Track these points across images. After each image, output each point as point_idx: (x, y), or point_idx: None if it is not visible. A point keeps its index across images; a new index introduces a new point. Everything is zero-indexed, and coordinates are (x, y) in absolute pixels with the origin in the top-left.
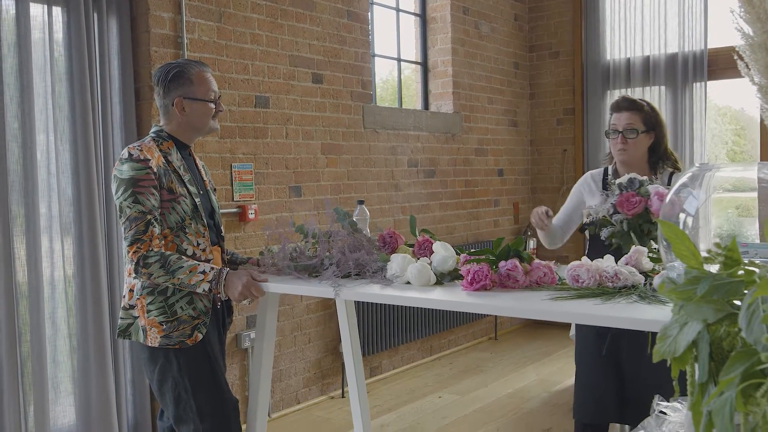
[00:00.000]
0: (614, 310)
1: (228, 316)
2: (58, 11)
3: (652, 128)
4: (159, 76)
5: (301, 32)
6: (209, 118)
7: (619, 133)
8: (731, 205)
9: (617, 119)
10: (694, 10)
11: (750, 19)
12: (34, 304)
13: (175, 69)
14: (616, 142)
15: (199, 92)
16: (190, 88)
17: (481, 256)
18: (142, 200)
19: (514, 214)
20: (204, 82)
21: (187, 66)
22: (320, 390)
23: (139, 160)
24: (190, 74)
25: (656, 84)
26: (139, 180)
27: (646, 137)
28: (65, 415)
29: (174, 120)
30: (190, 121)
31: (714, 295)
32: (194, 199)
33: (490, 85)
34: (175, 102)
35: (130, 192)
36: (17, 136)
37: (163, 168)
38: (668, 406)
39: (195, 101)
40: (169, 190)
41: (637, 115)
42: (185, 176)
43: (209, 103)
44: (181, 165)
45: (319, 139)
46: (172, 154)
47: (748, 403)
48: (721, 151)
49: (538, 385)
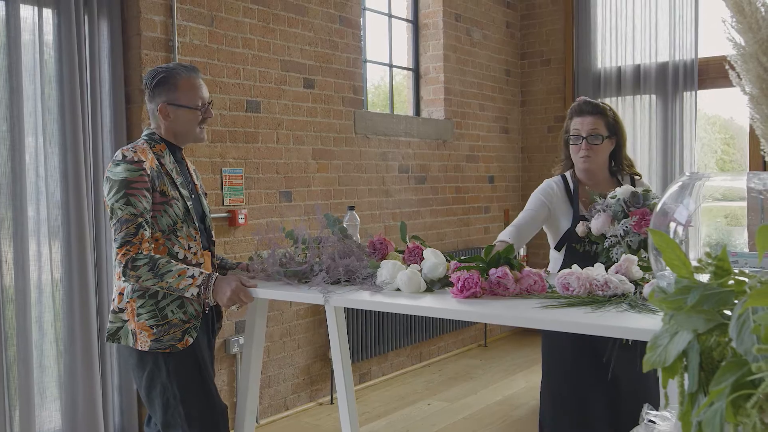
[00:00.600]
0: (604, 318)
1: (217, 321)
2: (49, 13)
3: (614, 134)
4: (147, 80)
5: (293, 37)
6: (195, 125)
7: (582, 138)
8: (721, 214)
9: (580, 124)
10: (685, 19)
11: (741, 29)
12: (21, 308)
13: (162, 74)
14: (579, 148)
15: (184, 99)
16: (175, 94)
17: (471, 263)
18: (134, 202)
19: (504, 221)
20: (191, 88)
21: (174, 71)
22: (309, 396)
23: (133, 161)
24: (176, 80)
25: (647, 92)
26: (132, 182)
27: (609, 143)
28: (51, 420)
29: (161, 125)
30: (174, 127)
31: (704, 304)
32: (186, 202)
33: (482, 91)
34: (159, 107)
35: (123, 193)
36: (6, 139)
37: (156, 170)
38: (657, 415)
39: (179, 108)
40: (162, 192)
41: (601, 119)
42: (177, 179)
43: (195, 110)
44: (173, 168)
45: (310, 144)
46: (165, 157)
47: (739, 414)
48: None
49: (528, 392)
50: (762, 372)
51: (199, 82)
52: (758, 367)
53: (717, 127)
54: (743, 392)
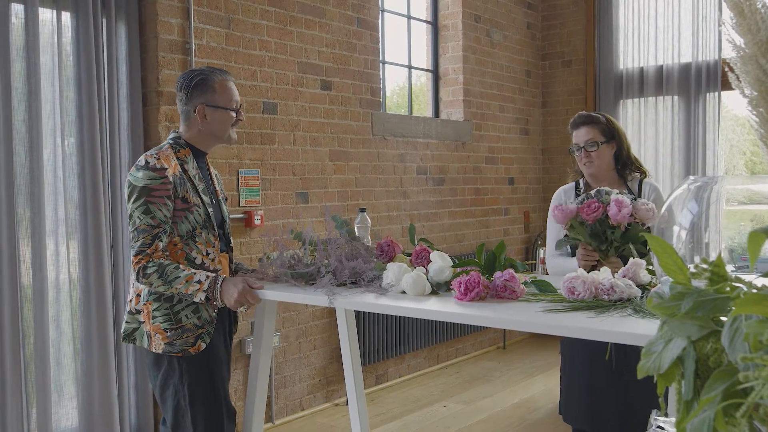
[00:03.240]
0: (606, 323)
1: (234, 324)
2: (67, 16)
3: (612, 138)
4: (183, 82)
5: (311, 39)
6: (229, 126)
7: (581, 148)
8: (745, 218)
9: (577, 136)
10: (708, 19)
11: (741, 30)
12: (39, 307)
13: (199, 76)
14: (580, 157)
15: (222, 100)
16: (213, 96)
17: (467, 267)
18: (154, 210)
19: (524, 223)
20: (227, 90)
21: (210, 74)
22: (324, 397)
23: (155, 169)
24: (213, 82)
25: (669, 94)
26: (153, 189)
27: (608, 147)
28: (68, 418)
29: (194, 127)
30: (210, 128)
31: (698, 311)
32: (207, 209)
33: (502, 93)
34: (197, 109)
35: (143, 201)
36: (24, 140)
37: (179, 177)
38: (666, 421)
39: (217, 109)
40: (183, 199)
41: (594, 128)
42: (200, 186)
43: (231, 112)
44: (196, 174)
45: (327, 145)
46: (189, 163)
47: (730, 423)
48: (740, 161)
49: (545, 395)
50: (749, 381)
51: (232, 84)
52: (745, 377)
53: (746, 128)
54: (734, 401)
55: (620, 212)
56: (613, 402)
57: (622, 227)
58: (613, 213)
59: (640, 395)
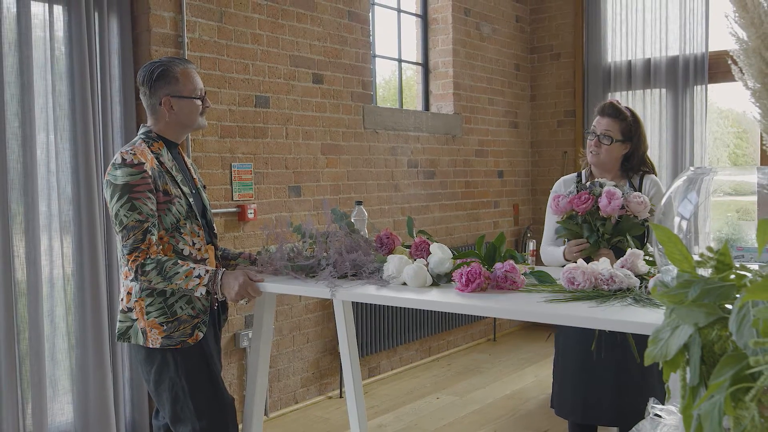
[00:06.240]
0: (608, 312)
1: (223, 314)
2: (59, 10)
3: (629, 139)
4: (144, 75)
5: (302, 32)
6: (197, 114)
7: (596, 136)
8: (731, 209)
9: (598, 123)
10: (695, 12)
11: (744, 24)
12: (33, 302)
13: (160, 68)
14: (591, 143)
15: (186, 90)
16: (177, 86)
17: (467, 259)
18: (139, 206)
19: (514, 216)
20: (190, 79)
21: (171, 64)
22: (318, 390)
23: (133, 164)
24: (175, 72)
25: (657, 86)
26: (135, 185)
27: (620, 146)
28: (63, 413)
29: (162, 119)
30: (178, 119)
31: (705, 299)
32: (188, 199)
33: (491, 86)
34: (162, 101)
35: (126, 198)
36: (17, 135)
37: (157, 170)
38: (663, 409)
39: (182, 99)
40: (164, 192)
41: (617, 123)
42: (177, 176)
43: (196, 100)
44: (173, 165)
45: (319, 139)
46: (163, 155)
47: (738, 407)
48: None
49: (537, 386)
50: (760, 365)
51: (194, 72)
52: (756, 361)
53: (730, 120)
54: (742, 385)
55: (610, 204)
56: (608, 393)
57: (612, 219)
58: (603, 205)
59: (635, 386)
